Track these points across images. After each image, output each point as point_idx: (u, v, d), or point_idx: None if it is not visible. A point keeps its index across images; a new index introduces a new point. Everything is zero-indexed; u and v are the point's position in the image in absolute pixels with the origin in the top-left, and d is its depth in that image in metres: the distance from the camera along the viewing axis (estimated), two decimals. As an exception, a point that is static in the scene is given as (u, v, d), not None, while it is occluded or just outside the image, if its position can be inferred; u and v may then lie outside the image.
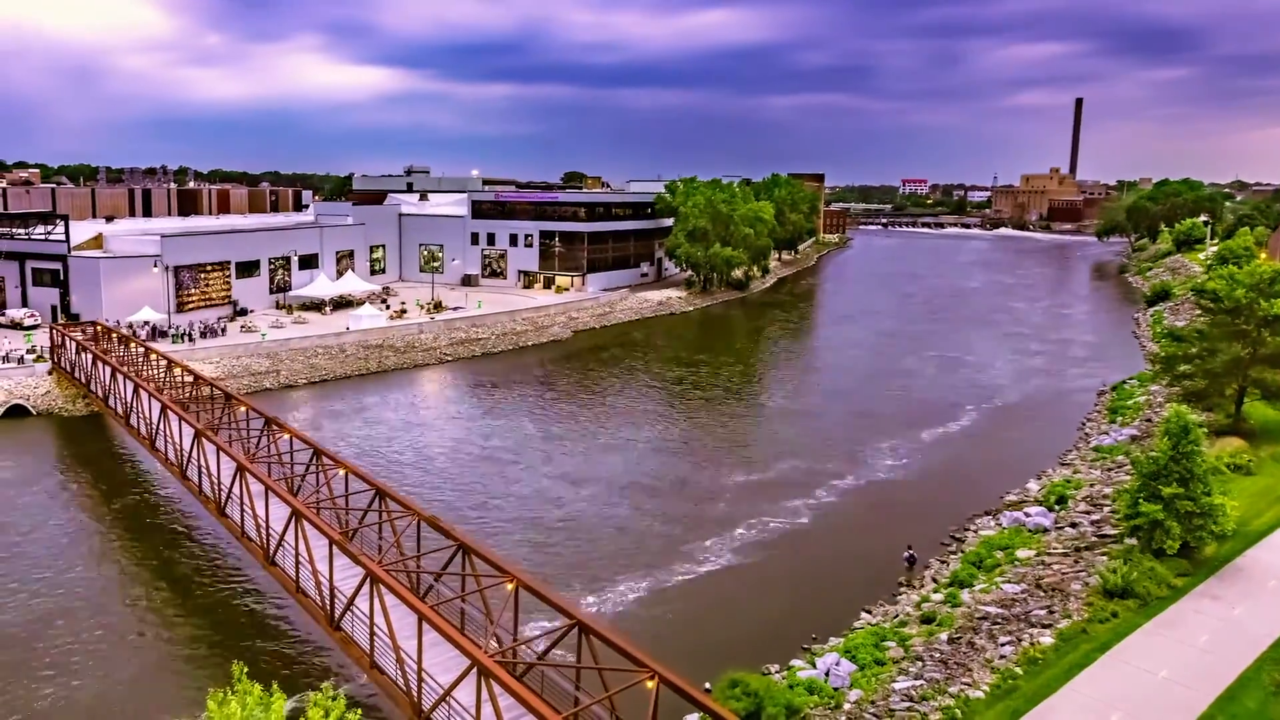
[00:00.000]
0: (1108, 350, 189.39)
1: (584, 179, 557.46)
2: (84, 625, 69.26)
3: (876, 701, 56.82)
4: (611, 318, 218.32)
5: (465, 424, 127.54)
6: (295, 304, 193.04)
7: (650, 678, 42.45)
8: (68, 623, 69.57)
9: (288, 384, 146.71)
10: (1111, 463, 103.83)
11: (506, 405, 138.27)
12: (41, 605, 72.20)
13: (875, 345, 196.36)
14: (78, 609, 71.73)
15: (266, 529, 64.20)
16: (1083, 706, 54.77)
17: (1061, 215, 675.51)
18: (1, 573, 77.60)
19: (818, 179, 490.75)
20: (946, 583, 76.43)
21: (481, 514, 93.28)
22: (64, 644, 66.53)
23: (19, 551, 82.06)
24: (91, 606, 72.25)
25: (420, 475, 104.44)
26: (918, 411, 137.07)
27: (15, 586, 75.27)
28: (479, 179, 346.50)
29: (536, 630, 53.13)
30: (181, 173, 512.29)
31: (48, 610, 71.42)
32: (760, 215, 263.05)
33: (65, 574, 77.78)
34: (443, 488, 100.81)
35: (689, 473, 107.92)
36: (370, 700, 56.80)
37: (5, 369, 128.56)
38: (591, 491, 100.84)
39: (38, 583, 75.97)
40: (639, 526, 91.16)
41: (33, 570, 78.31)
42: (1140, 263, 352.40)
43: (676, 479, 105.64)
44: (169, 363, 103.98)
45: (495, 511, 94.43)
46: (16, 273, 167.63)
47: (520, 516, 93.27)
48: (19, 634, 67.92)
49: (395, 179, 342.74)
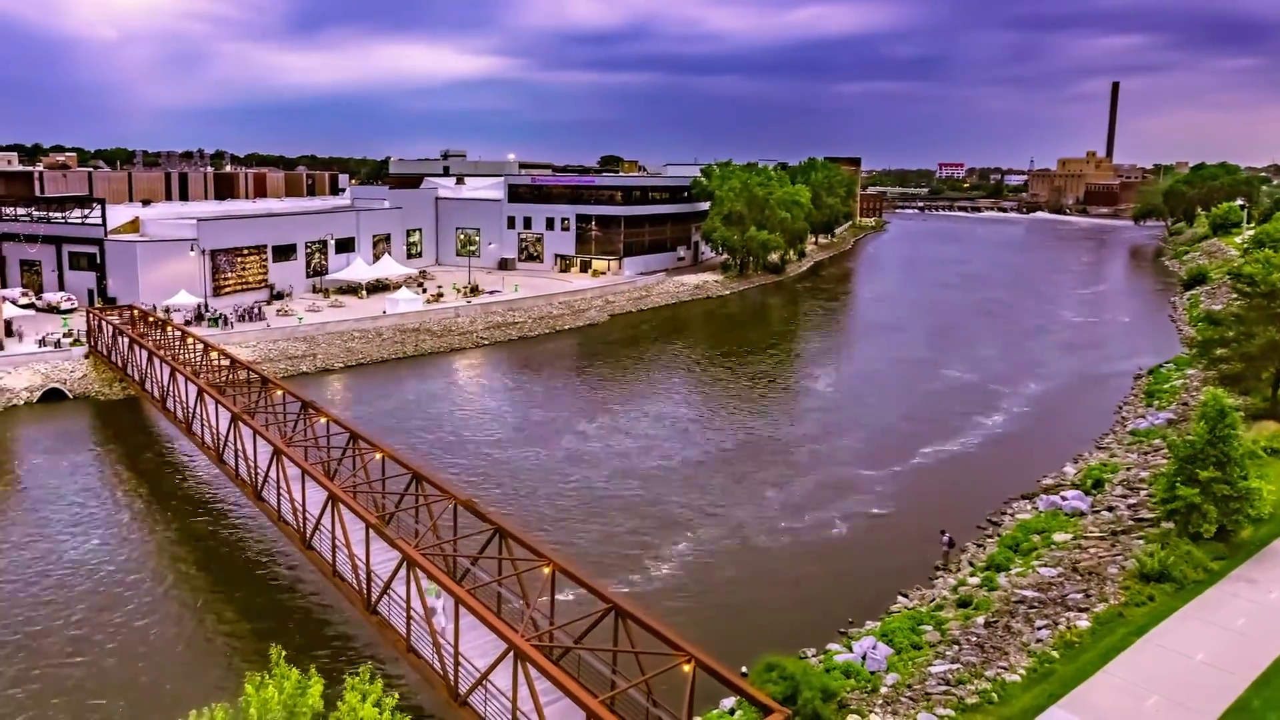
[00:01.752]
0: (1144, 334, 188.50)
1: (620, 163, 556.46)
2: (120, 609, 68.76)
3: (913, 685, 56.47)
4: (648, 302, 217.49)
5: (502, 407, 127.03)
6: (332, 288, 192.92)
7: (687, 661, 41.92)
8: (104, 607, 69.09)
9: (324, 368, 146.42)
10: (1148, 446, 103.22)
11: (543, 389, 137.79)
12: (78, 588, 71.77)
13: (911, 329, 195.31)
14: (114, 593, 71.28)
15: (303, 513, 63.61)
16: (1119, 690, 54.17)
17: (1098, 199, 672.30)
18: (38, 554, 77.30)
19: (854, 163, 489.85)
20: (983, 566, 76.18)
21: (518, 497, 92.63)
22: (100, 628, 66.05)
23: (56, 534, 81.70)
24: (127, 590, 71.78)
25: (457, 459, 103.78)
26: (954, 395, 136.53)
27: (51, 568, 74.98)
28: (515, 163, 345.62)
29: (573, 614, 52.39)
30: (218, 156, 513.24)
31: (84, 593, 70.99)
32: (796, 199, 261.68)
33: (101, 557, 77.38)
34: (480, 471, 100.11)
35: (725, 457, 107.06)
36: (407, 684, 56.26)
37: (42, 353, 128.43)
38: (628, 475, 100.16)
39: (74, 565, 75.61)
40: (675, 509, 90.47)
41: (69, 552, 78.00)
42: (1176, 246, 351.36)
43: (712, 463, 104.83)
44: (205, 346, 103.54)
45: (532, 494, 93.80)
46: (53, 256, 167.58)
47: (557, 499, 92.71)
48: (55, 616, 67.48)
49: (432, 163, 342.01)
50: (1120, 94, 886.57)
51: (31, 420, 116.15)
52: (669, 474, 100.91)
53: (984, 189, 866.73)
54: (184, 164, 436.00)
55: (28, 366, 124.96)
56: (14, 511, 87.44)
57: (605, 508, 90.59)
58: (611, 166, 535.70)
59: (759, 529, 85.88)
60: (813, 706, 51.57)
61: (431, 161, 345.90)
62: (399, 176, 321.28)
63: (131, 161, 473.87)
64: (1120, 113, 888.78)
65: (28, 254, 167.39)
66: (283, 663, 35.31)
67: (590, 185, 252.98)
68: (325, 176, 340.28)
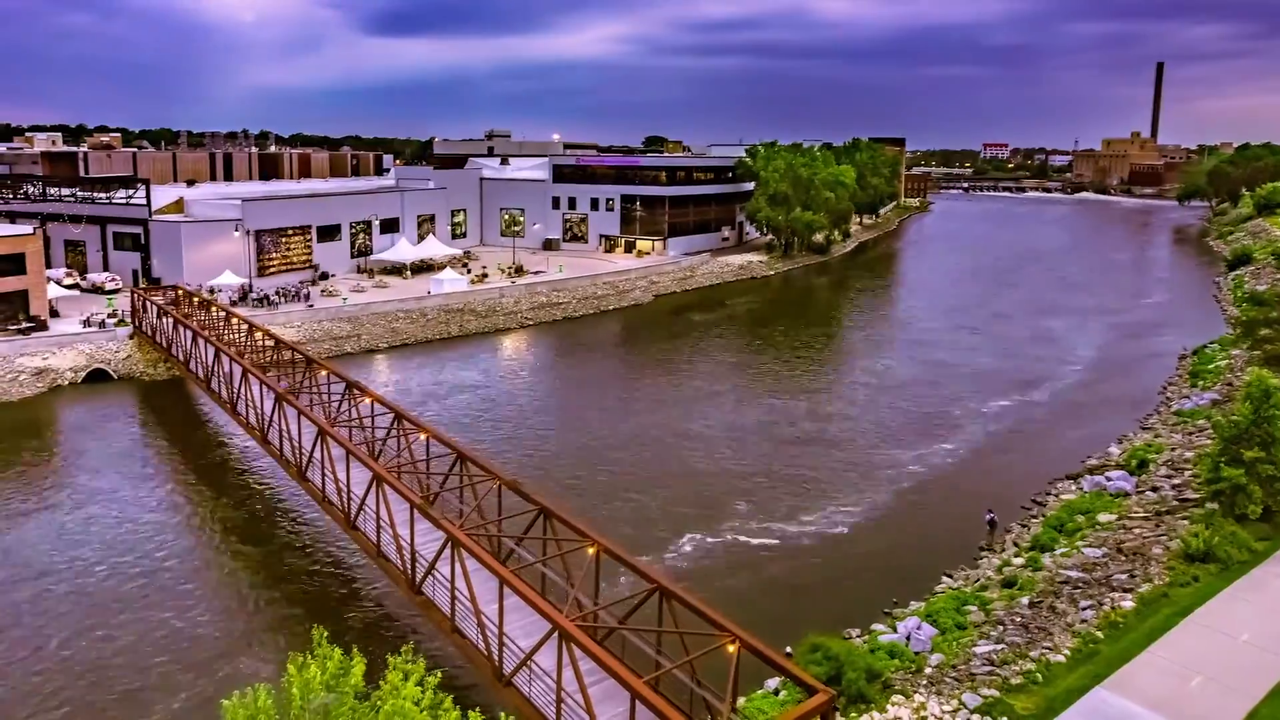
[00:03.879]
0: (1188, 314, 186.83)
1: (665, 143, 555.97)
2: (164, 588, 68.95)
3: (957, 665, 56.26)
4: (692, 282, 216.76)
5: (547, 388, 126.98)
6: (376, 268, 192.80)
7: (731, 641, 41.78)
8: (148, 586, 69.27)
9: (369, 348, 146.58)
10: (1193, 427, 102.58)
11: (588, 369, 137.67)
12: (123, 567, 71.96)
13: (956, 307, 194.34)
14: (157, 572, 71.48)
15: (348, 493, 63.53)
16: (1164, 670, 53.65)
17: (1142, 179, 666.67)
18: (83, 534, 77.64)
19: (898, 143, 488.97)
20: (1027, 547, 76.10)
21: (563, 477, 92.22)
22: (143, 607, 66.21)
23: (101, 514, 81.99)
24: (172, 570, 71.98)
25: (502, 439, 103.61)
26: (998, 375, 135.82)
27: (96, 547, 75.26)
28: (560, 143, 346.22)
29: (617, 594, 52.23)
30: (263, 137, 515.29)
31: (129, 573, 71.18)
32: (841, 179, 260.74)
33: (146, 536, 77.56)
34: (524, 451, 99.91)
35: (770, 437, 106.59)
36: (451, 664, 56.18)
37: (87, 333, 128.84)
38: (672, 453, 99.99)
39: (119, 544, 75.87)
40: (719, 489, 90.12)
41: (114, 532, 78.28)
42: (1221, 227, 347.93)
43: (757, 443, 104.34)
44: (250, 327, 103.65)
45: (577, 474, 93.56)
46: (98, 237, 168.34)
47: (602, 479, 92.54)
48: (99, 596, 67.71)
49: (476, 143, 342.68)
50: (1166, 75, 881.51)
51: (77, 400, 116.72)
52: (714, 455, 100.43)
53: (1028, 169, 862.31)
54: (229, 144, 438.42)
55: (72, 347, 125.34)
56: (60, 490, 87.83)
57: (649, 487, 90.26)
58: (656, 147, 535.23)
59: (803, 509, 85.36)
60: (857, 687, 51.55)
61: (476, 142, 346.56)
62: (443, 157, 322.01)
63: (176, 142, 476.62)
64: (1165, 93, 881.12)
65: (72, 234, 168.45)
66: (325, 643, 35.17)
67: (635, 165, 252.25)
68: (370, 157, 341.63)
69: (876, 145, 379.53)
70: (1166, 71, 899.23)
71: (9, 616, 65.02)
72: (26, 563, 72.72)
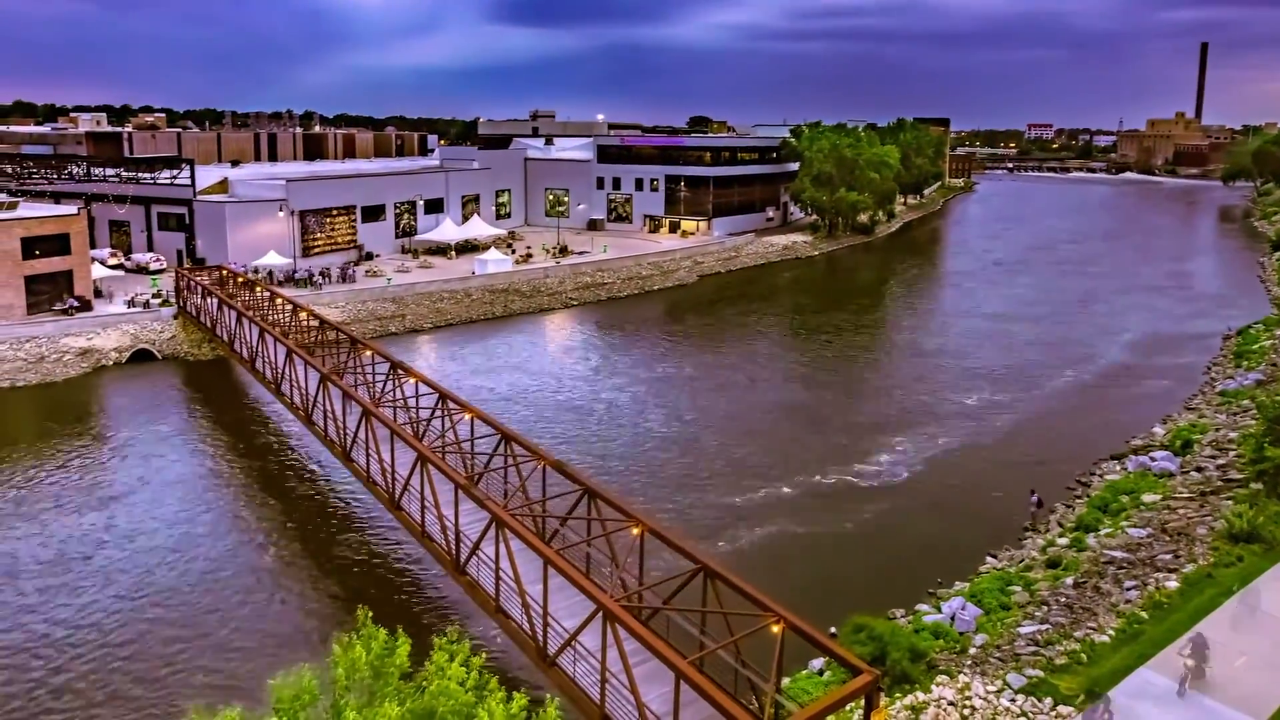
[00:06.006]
0: (1233, 294, 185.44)
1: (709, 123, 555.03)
2: (210, 567, 69.39)
3: (1002, 646, 56.12)
4: (737, 262, 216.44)
5: (592, 368, 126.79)
6: (421, 248, 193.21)
7: (776, 622, 41.39)
8: (193, 564, 69.72)
9: (413, 328, 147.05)
10: (1237, 407, 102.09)
11: (633, 349, 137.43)
12: (168, 545, 72.49)
13: (1002, 288, 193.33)
14: (203, 551, 71.90)
15: (392, 474, 63.62)
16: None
17: (1187, 160, 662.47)
18: (129, 515, 78.16)
19: (943, 123, 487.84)
20: (1072, 527, 75.91)
21: (607, 457, 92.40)
22: (189, 586, 66.66)
23: (146, 494, 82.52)
24: (218, 549, 72.40)
25: (546, 419, 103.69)
26: (1042, 356, 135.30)
27: (142, 527, 75.76)
28: (604, 123, 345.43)
29: (661, 575, 52.17)
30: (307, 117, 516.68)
31: (173, 551, 71.70)
32: (885, 160, 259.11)
33: (192, 515, 78.06)
34: (569, 431, 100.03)
35: (815, 416, 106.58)
36: (495, 645, 56.35)
37: (131, 313, 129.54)
38: (718, 434, 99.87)
39: (164, 524, 76.35)
40: (765, 469, 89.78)
41: (159, 511, 78.77)
42: (1265, 207, 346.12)
43: (802, 423, 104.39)
44: (294, 307, 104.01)
45: (621, 454, 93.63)
46: (142, 217, 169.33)
47: (646, 458, 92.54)
48: (144, 575, 68.18)
49: (520, 123, 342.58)
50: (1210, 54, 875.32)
51: (121, 380, 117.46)
52: (756, 433, 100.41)
53: (1072, 150, 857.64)
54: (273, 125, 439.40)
55: (116, 327, 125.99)
56: (105, 470, 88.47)
57: (695, 467, 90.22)
58: (700, 127, 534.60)
59: (846, 488, 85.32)
60: (901, 667, 51.55)
61: (520, 122, 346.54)
62: (487, 137, 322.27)
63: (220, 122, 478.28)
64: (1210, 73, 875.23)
65: (117, 215, 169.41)
66: (370, 623, 35.22)
67: (679, 146, 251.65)
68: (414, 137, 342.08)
69: (921, 125, 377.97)
70: (1212, 53, 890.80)
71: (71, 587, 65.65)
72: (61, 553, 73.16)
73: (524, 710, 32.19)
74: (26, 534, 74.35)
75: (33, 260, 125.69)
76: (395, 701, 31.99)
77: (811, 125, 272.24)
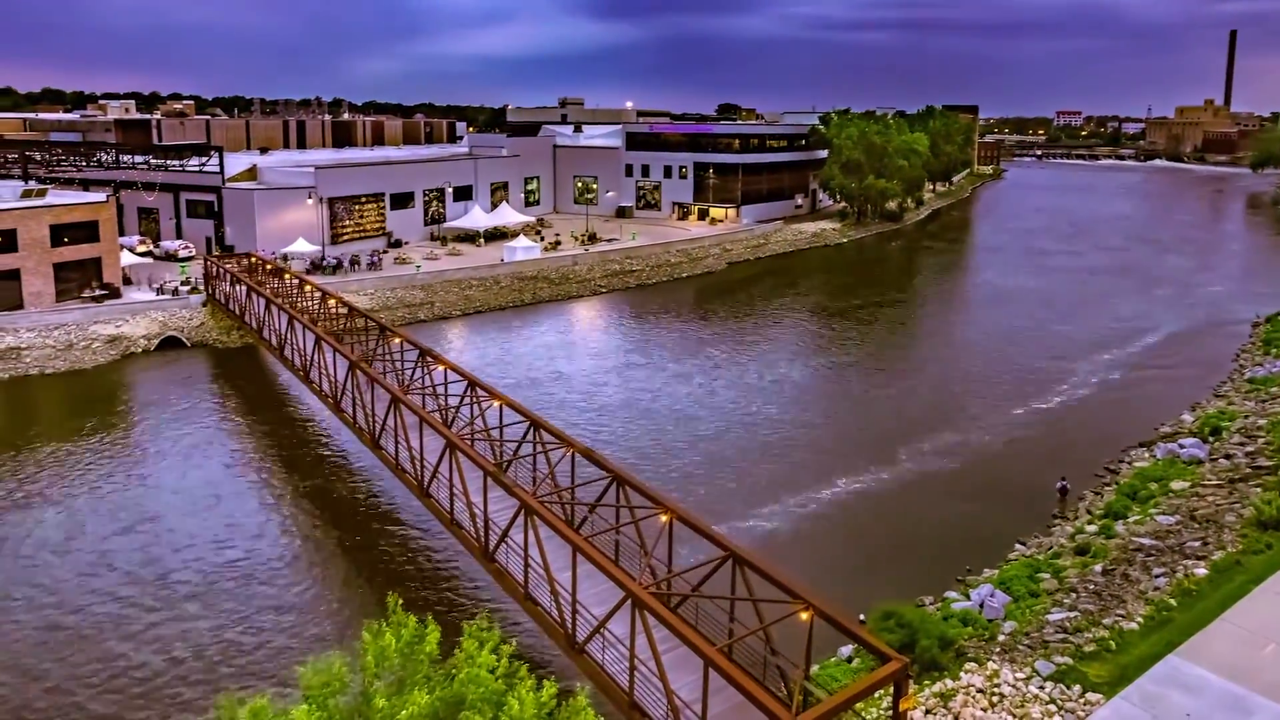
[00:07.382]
0: (1262, 282, 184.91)
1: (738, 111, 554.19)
2: (238, 555, 69.56)
3: (1030, 633, 55.93)
4: (766, 249, 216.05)
5: (620, 355, 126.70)
6: (449, 236, 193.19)
7: (805, 609, 41.15)
8: (221, 552, 69.91)
9: (442, 315, 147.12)
10: (1266, 394, 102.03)
11: (662, 336, 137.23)
12: (197, 533, 72.71)
13: (1031, 275, 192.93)
14: (231, 538, 72.09)
15: (421, 461, 63.69)
16: (1237, 638, 52.68)
17: (1216, 147, 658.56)
18: (155, 502, 78.52)
19: (972, 111, 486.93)
20: (1101, 514, 75.43)
21: (636, 444, 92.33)
22: (217, 574, 66.84)
23: (175, 482, 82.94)
24: (246, 536, 72.58)
25: (575, 406, 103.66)
26: (1071, 342, 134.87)
27: (170, 513, 76.09)
28: (633, 111, 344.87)
29: (691, 562, 52.11)
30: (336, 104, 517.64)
31: (203, 537, 71.92)
32: (914, 147, 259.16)
33: (221, 503, 78.37)
34: (598, 419, 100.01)
35: (843, 403, 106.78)
36: (525, 632, 56.33)
37: (160, 301, 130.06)
38: (747, 419, 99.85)
39: (194, 511, 76.59)
40: (793, 456, 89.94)
41: (189, 499, 79.02)
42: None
43: (831, 409, 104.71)
44: (323, 294, 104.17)
45: (650, 441, 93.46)
46: (171, 205, 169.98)
47: (675, 445, 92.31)
48: (173, 562, 68.42)
49: (549, 110, 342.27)
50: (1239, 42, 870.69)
51: (150, 367, 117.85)
52: (786, 419, 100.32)
53: (1101, 137, 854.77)
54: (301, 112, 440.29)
55: (145, 314, 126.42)
56: (134, 457, 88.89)
57: (723, 455, 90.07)
58: (729, 114, 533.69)
59: (875, 477, 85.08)
60: (930, 654, 51.49)
61: (549, 109, 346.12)
62: (516, 124, 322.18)
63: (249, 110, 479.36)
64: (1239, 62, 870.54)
65: (145, 202, 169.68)
66: (400, 610, 35.25)
67: (708, 133, 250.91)
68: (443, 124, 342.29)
69: (950, 113, 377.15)
70: (1241, 42, 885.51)
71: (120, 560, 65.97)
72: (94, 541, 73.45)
73: (554, 698, 32.17)
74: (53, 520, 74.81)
75: (61, 247, 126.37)
76: (425, 689, 32.02)
77: (840, 113, 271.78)
